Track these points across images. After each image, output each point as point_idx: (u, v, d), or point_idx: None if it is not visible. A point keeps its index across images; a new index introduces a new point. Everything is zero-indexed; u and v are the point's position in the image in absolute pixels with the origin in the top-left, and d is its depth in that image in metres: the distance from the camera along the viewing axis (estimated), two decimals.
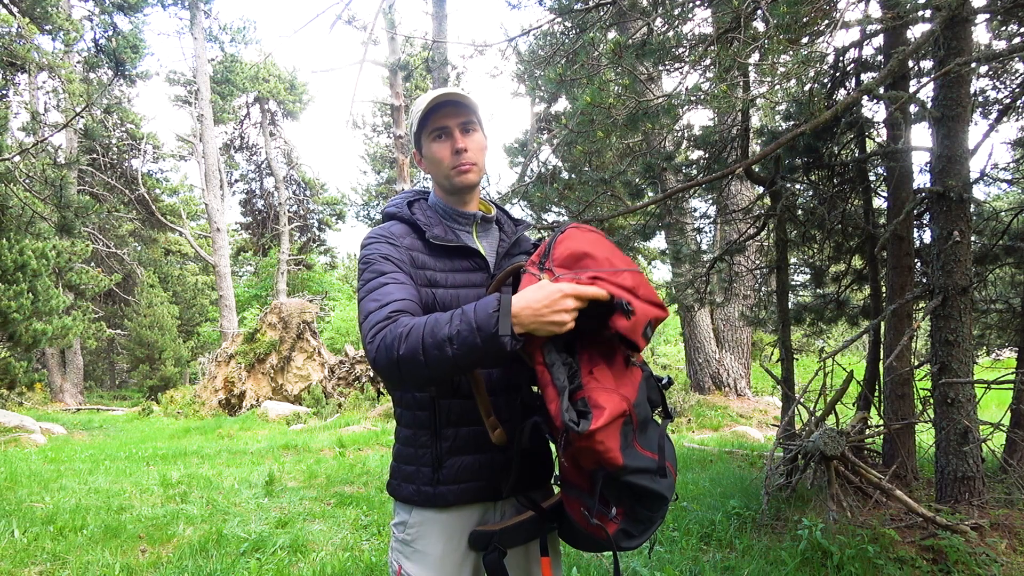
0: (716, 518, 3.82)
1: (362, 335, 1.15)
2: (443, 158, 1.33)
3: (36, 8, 10.29)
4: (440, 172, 1.36)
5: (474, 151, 1.34)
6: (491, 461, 1.30)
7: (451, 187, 1.36)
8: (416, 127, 1.36)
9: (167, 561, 3.47)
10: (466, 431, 1.29)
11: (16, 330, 9.10)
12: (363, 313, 1.17)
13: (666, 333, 21.78)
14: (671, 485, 1.17)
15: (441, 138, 1.34)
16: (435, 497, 1.29)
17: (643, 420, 1.15)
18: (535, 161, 5.84)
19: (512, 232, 1.46)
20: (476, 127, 1.36)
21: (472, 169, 1.34)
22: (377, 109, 27.44)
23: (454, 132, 1.33)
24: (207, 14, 21.40)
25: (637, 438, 1.12)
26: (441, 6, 11.61)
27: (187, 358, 20.76)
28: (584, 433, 1.02)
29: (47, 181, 11.65)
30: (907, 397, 4.36)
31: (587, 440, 1.03)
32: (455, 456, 1.29)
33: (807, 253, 5.79)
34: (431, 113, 1.33)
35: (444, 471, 1.29)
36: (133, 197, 21.18)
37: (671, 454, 1.21)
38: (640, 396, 1.15)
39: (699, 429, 9.01)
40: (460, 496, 1.29)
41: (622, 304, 1.07)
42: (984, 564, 2.93)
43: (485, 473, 1.30)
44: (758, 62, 2.75)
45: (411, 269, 1.29)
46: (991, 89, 4.86)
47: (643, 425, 1.15)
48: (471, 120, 1.35)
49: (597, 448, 1.04)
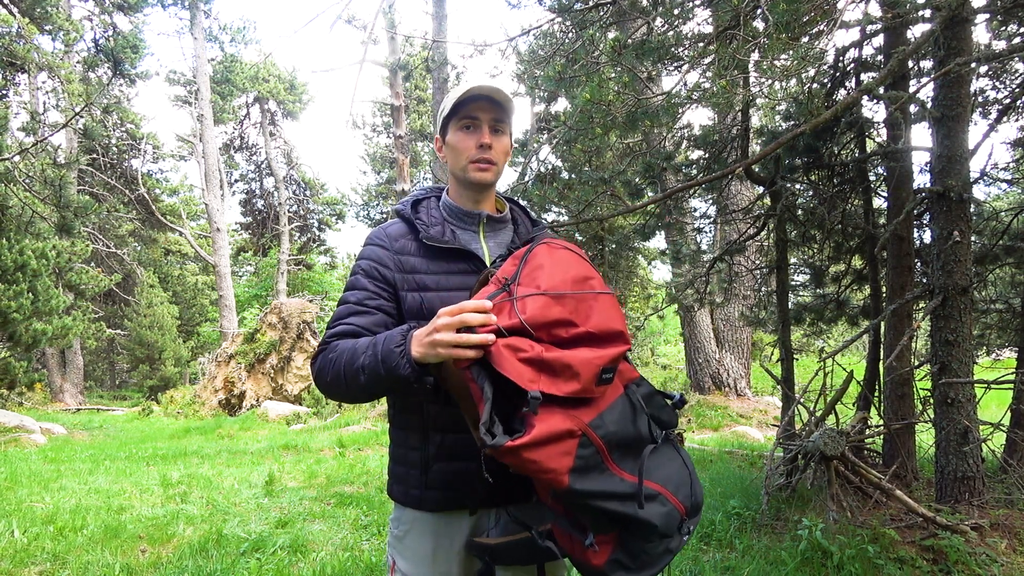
0: (716, 518, 3.82)
1: None
2: (465, 148, 1.32)
3: (36, 8, 10.29)
4: (458, 162, 1.33)
5: (498, 152, 1.33)
6: (478, 469, 1.28)
7: (465, 180, 1.34)
8: (448, 112, 1.32)
9: (167, 561, 3.47)
10: (452, 438, 1.27)
11: (16, 330, 9.10)
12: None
13: (666, 333, 21.79)
14: (666, 515, 1.06)
15: (470, 129, 1.32)
16: (421, 500, 1.29)
17: (620, 441, 1.07)
18: (534, 160, 5.83)
19: (527, 232, 1.41)
20: (506, 129, 1.35)
21: (490, 169, 1.32)
22: (377, 109, 27.43)
23: (483, 126, 1.31)
24: (207, 14, 21.39)
25: (613, 460, 1.05)
26: (441, 6, 11.60)
27: (187, 358, 20.77)
28: (502, 448, 0.96)
29: (47, 181, 11.64)
30: (907, 397, 4.36)
31: (512, 457, 0.97)
32: (442, 462, 1.28)
33: (807, 253, 5.78)
34: (468, 102, 1.30)
35: (431, 475, 1.28)
36: (133, 197, 21.17)
37: (675, 479, 1.11)
38: (610, 416, 1.06)
39: (699, 429, 9.00)
40: (446, 502, 1.28)
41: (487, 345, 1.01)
42: (984, 564, 2.92)
43: (471, 480, 1.26)
44: (758, 61, 2.75)
45: (396, 276, 1.28)
46: (991, 89, 4.86)
47: (622, 446, 1.07)
48: (504, 121, 1.33)
49: (529, 467, 0.98)
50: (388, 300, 1.29)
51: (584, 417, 1.03)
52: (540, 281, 1.10)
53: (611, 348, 1.08)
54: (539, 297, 1.07)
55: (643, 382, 1.20)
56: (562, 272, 1.13)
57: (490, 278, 1.16)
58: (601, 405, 1.07)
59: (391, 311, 1.28)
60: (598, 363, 1.05)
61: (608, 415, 1.07)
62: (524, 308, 1.06)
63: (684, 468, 1.15)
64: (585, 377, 1.03)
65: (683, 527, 1.11)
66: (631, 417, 1.11)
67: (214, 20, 23.19)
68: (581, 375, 1.03)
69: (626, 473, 1.06)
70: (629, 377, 1.17)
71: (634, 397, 1.15)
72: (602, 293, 1.15)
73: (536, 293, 1.08)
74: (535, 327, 1.04)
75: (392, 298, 1.29)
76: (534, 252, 1.17)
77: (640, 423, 1.12)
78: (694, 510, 1.14)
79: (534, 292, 1.08)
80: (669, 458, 1.14)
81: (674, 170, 5.71)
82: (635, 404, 1.13)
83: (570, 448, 1.01)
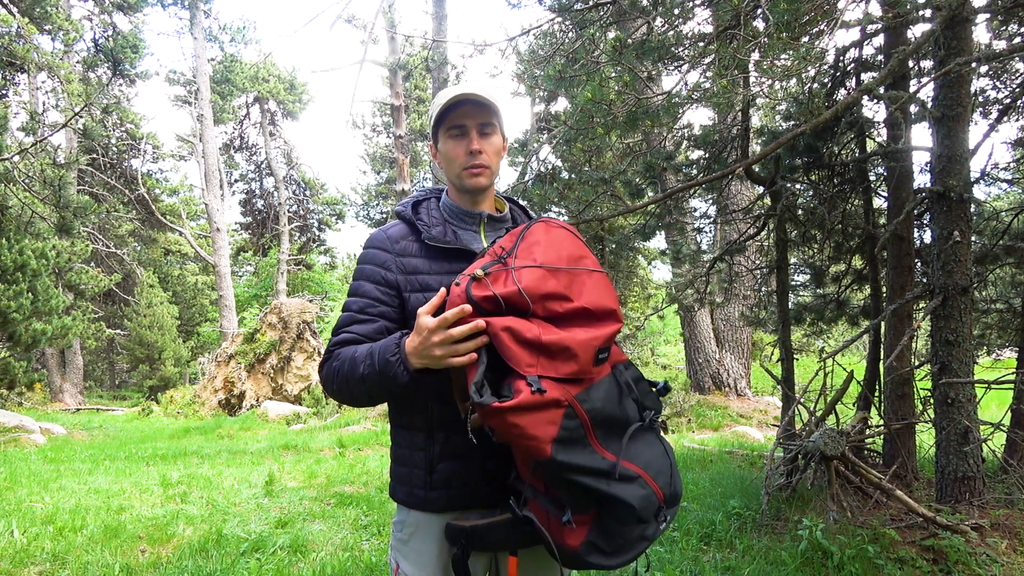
0: (716, 518, 3.82)
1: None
2: (456, 157, 1.33)
3: (36, 8, 10.30)
4: (452, 171, 1.35)
5: (489, 154, 1.33)
6: (482, 468, 1.27)
7: (461, 187, 1.36)
8: (434, 122, 1.34)
9: (167, 561, 3.47)
10: (457, 438, 1.26)
11: (16, 330, 9.10)
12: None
13: (666, 333, 21.78)
14: (644, 497, 1.07)
15: (458, 136, 1.33)
16: (426, 501, 1.29)
17: (604, 419, 1.08)
18: (535, 160, 5.83)
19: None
20: (495, 129, 1.35)
21: (484, 173, 1.33)
22: (377, 109, 27.44)
23: (471, 132, 1.32)
24: (207, 14, 21.39)
25: (596, 437, 1.07)
26: (441, 6, 11.60)
27: (187, 358, 20.76)
28: (489, 408, 0.98)
29: (47, 181, 11.64)
30: (907, 397, 4.36)
31: (497, 418, 0.99)
32: (446, 461, 1.28)
33: (807, 253, 5.79)
34: (451, 109, 1.31)
35: (436, 475, 1.28)
36: (133, 197, 21.16)
37: (656, 465, 1.12)
38: (596, 393, 1.08)
39: (699, 429, 9.00)
40: (450, 502, 1.28)
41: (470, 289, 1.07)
42: (984, 564, 2.92)
43: (476, 480, 1.27)
44: (758, 60, 2.75)
45: (398, 278, 1.29)
46: (991, 89, 4.86)
47: (606, 424, 1.09)
48: (491, 122, 1.33)
49: (512, 431, 1.00)
50: (390, 305, 1.29)
51: (572, 390, 1.05)
52: (536, 255, 1.13)
53: (605, 327, 1.11)
54: (535, 269, 1.11)
55: (630, 366, 1.22)
56: (556, 249, 1.16)
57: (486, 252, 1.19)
58: (588, 381, 1.09)
59: (393, 315, 1.29)
60: (595, 344, 1.07)
61: (595, 391, 1.09)
62: (520, 278, 1.08)
63: (665, 456, 1.16)
64: (583, 359, 1.06)
65: (660, 514, 1.12)
66: (617, 397, 1.13)
67: (214, 20, 23.20)
68: (579, 356, 1.05)
69: (608, 452, 1.07)
70: (617, 359, 1.19)
71: (621, 378, 1.16)
72: (595, 271, 1.17)
73: (532, 265, 1.11)
74: (532, 298, 1.07)
75: (395, 301, 1.29)
76: (532, 229, 1.21)
77: (626, 404, 1.14)
78: (672, 499, 1.14)
79: (530, 264, 1.11)
80: (650, 444, 1.15)
81: (674, 170, 5.72)
82: (621, 385, 1.15)
83: (555, 418, 1.02)
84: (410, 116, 22.79)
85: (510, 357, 1.03)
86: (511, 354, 1.03)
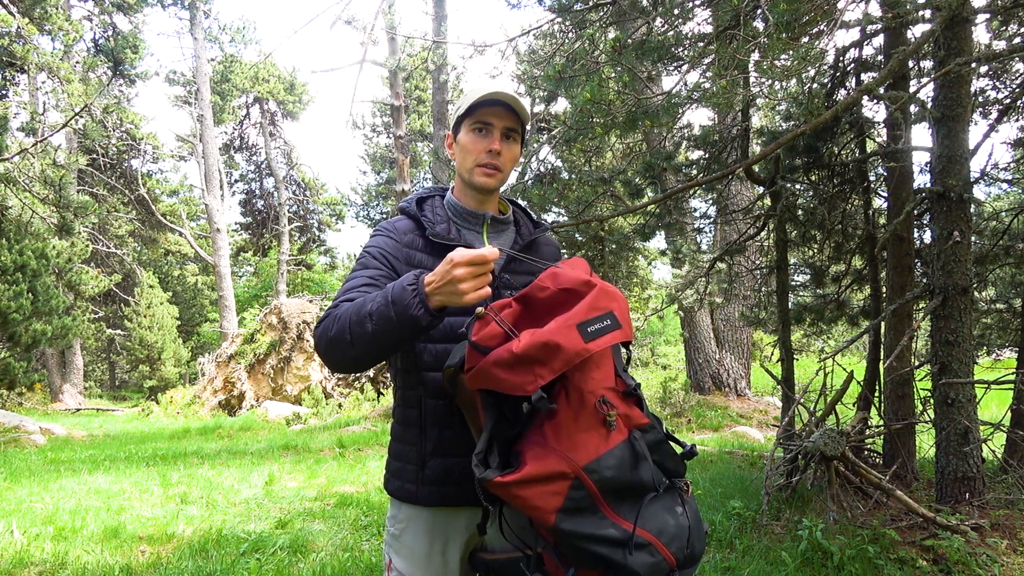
0: (716, 518, 3.82)
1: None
2: (475, 151, 1.32)
3: (36, 8, 10.30)
4: (465, 164, 1.35)
5: (506, 159, 1.34)
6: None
7: (470, 182, 1.36)
8: (463, 111, 1.33)
9: (167, 561, 3.47)
10: (449, 434, 1.28)
11: (16, 330, 9.10)
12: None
13: (666, 333, 21.78)
14: (652, 565, 1.02)
15: (482, 132, 1.32)
16: (418, 496, 1.30)
17: (617, 488, 1.05)
18: (534, 160, 5.82)
19: (528, 233, 1.44)
20: (518, 138, 1.36)
21: (496, 175, 1.33)
22: (377, 109, 27.44)
23: (495, 132, 1.32)
24: (207, 14, 21.39)
25: (609, 505, 1.04)
26: (441, 6, 11.61)
27: (187, 358, 20.77)
28: (490, 481, 1.00)
29: (47, 181, 11.64)
30: (907, 397, 4.36)
31: (501, 490, 1.01)
32: (438, 458, 1.29)
33: (807, 253, 5.79)
34: (484, 105, 1.30)
35: (427, 471, 1.29)
36: (133, 197, 21.16)
37: (670, 530, 1.06)
38: (607, 462, 1.04)
39: (699, 429, 9.00)
40: (441, 498, 1.29)
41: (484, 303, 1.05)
42: (984, 565, 2.92)
43: (468, 477, 1.23)
44: (758, 61, 2.75)
45: (403, 269, 1.29)
46: (991, 89, 4.87)
47: (619, 492, 1.05)
48: (516, 130, 1.34)
49: (516, 503, 1.01)
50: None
51: (580, 460, 1.02)
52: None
53: (580, 301, 1.06)
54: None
55: (652, 428, 1.14)
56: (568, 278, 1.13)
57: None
58: (601, 448, 1.05)
59: None
60: (572, 322, 1.03)
61: (606, 460, 1.04)
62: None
63: (684, 519, 1.11)
64: (567, 345, 1.01)
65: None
66: (631, 463, 1.07)
67: (214, 20, 23.21)
68: (562, 345, 1.00)
69: (621, 519, 1.04)
70: (637, 423, 1.13)
71: (638, 444, 1.10)
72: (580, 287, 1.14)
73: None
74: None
75: None
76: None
77: (642, 470, 1.09)
78: (687, 562, 1.10)
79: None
80: (668, 508, 1.09)
81: (674, 170, 5.71)
82: (638, 451, 1.10)
83: (560, 489, 1.01)
84: (410, 116, 22.81)
85: (507, 387, 1.01)
86: (508, 384, 1.01)
